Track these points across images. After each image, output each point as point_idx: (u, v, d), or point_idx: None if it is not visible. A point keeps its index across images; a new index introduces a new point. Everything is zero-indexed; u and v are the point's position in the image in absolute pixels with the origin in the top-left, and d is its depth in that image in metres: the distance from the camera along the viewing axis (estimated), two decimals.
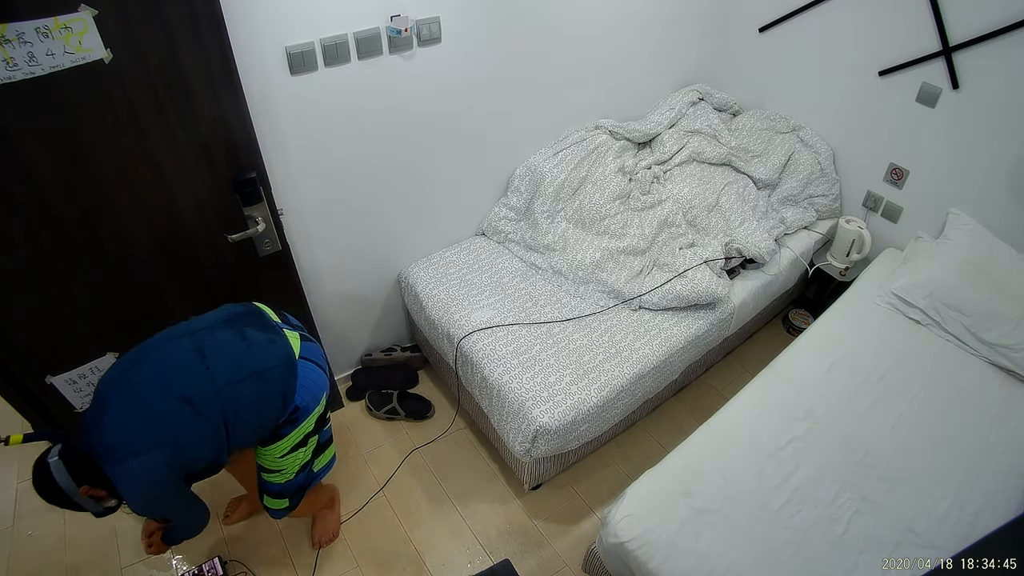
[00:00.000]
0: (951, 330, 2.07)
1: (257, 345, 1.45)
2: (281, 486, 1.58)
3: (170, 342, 1.41)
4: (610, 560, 1.62)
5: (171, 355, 1.39)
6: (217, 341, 1.42)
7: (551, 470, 2.07)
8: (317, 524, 1.98)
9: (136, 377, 1.34)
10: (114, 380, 1.36)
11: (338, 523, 2.02)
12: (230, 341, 1.43)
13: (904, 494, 1.62)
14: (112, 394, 1.33)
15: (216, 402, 1.35)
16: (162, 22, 1.32)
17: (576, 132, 2.52)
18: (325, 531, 1.98)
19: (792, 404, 1.84)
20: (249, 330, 1.47)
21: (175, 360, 1.38)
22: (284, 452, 1.51)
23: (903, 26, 2.14)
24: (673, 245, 2.33)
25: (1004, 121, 2.02)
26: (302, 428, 1.50)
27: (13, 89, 1.23)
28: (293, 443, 1.51)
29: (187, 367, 1.37)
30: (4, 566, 1.93)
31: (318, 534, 1.97)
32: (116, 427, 1.29)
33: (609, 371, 1.93)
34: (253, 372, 1.41)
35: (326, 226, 2.05)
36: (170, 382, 1.34)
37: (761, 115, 2.71)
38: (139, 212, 1.54)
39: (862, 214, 2.58)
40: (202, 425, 1.34)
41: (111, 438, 1.29)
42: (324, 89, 1.76)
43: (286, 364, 1.47)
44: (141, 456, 1.28)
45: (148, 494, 1.33)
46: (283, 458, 1.52)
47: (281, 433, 1.48)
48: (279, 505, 1.62)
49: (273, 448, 1.49)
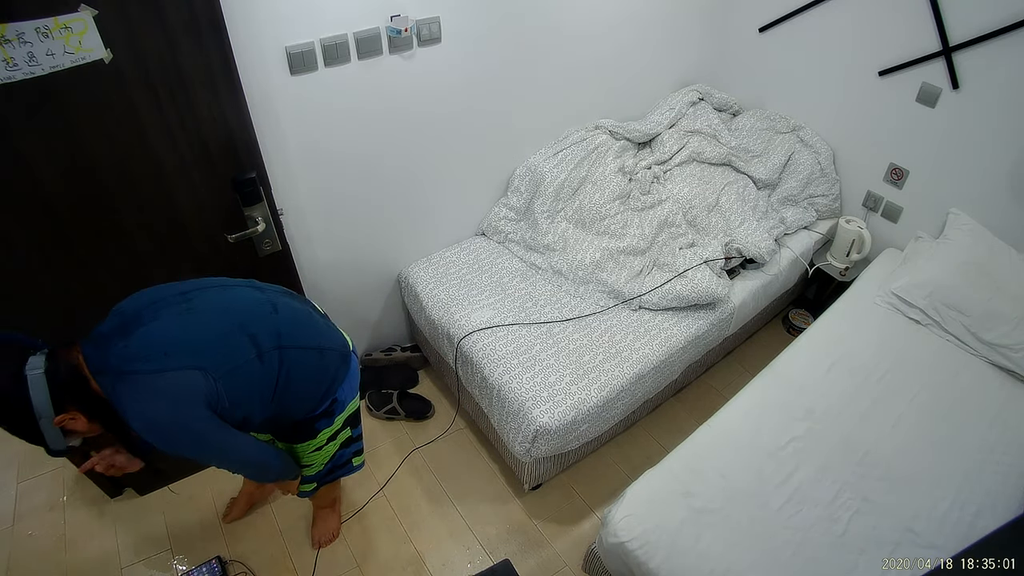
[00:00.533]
0: (951, 330, 2.07)
1: (322, 323, 1.46)
2: (309, 477, 1.62)
3: (236, 288, 1.31)
4: (610, 560, 1.62)
5: (241, 296, 1.29)
6: (287, 304, 1.38)
7: (551, 470, 2.07)
8: (317, 524, 1.99)
9: (197, 302, 1.21)
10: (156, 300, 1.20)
11: (338, 524, 2.02)
12: (299, 309, 1.41)
13: (904, 494, 1.62)
14: (156, 312, 1.17)
15: (276, 356, 1.26)
16: (162, 22, 1.32)
17: (576, 132, 2.52)
18: (325, 531, 1.98)
19: (792, 404, 1.84)
20: (312, 310, 1.48)
21: (246, 301, 1.29)
22: (319, 446, 1.53)
23: (903, 26, 2.14)
24: (673, 245, 2.33)
25: (1004, 121, 2.02)
26: (335, 424, 1.53)
27: (13, 89, 1.23)
28: (326, 438, 1.53)
29: (258, 311, 1.27)
30: (4, 566, 1.93)
31: (318, 534, 1.98)
32: (154, 336, 1.13)
33: (609, 371, 1.93)
34: (317, 346, 1.39)
35: (326, 226, 2.05)
36: (240, 316, 1.24)
37: (761, 115, 2.71)
38: (139, 212, 1.54)
39: (862, 214, 2.58)
40: (259, 372, 1.23)
41: (143, 348, 1.12)
42: (324, 89, 1.76)
43: (342, 352, 1.48)
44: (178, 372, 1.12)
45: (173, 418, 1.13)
46: (317, 451, 1.55)
47: (316, 428, 1.49)
48: (306, 488, 1.66)
49: (308, 445, 1.52)
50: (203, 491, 2.14)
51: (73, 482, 2.14)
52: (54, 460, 2.19)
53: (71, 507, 2.09)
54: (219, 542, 2.00)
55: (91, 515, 2.07)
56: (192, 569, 1.89)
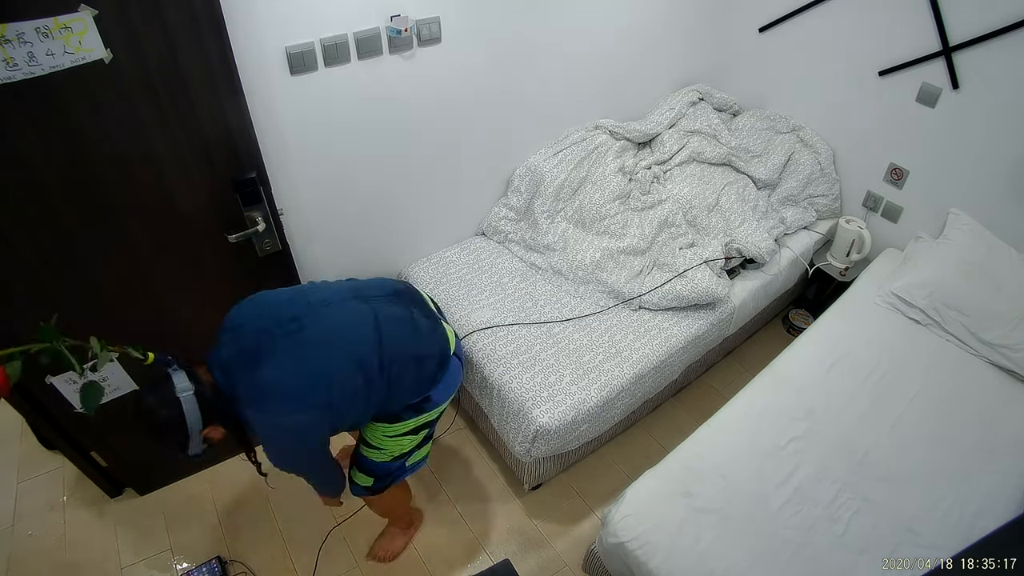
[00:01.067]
0: (951, 330, 2.07)
1: (423, 330, 1.46)
2: (375, 464, 1.57)
3: (345, 303, 1.38)
4: (610, 560, 1.62)
5: (348, 316, 1.36)
6: (391, 314, 1.41)
7: (551, 470, 2.07)
8: (384, 538, 1.95)
9: (308, 332, 1.29)
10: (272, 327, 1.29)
11: (403, 549, 1.96)
12: (401, 318, 1.43)
13: (904, 494, 1.62)
14: (273, 343, 1.26)
15: (381, 377, 1.35)
16: (162, 22, 1.32)
17: (576, 132, 2.52)
18: (386, 548, 1.94)
19: (792, 404, 1.84)
20: (416, 312, 1.48)
21: (352, 322, 1.35)
22: (395, 434, 1.52)
23: (903, 26, 2.14)
24: (673, 245, 2.33)
25: (1004, 121, 2.02)
26: (423, 418, 1.53)
27: (13, 89, 1.23)
28: (407, 428, 1.52)
29: (363, 333, 1.35)
30: (4, 566, 1.93)
31: (379, 548, 1.94)
32: (279, 380, 1.24)
33: (609, 371, 1.93)
34: (415, 356, 1.42)
35: (326, 226, 2.05)
36: (347, 344, 1.32)
37: (761, 115, 2.71)
38: (139, 212, 1.54)
39: (862, 214, 2.58)
40: (366, 393, 1.34)
41: (271, 389, 1.24)
42: (324, 89, 1.76)
43: (441, 357, 1.49)
44: (303, 413, 1.26)
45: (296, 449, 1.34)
46: (391, 439, 1.53)
47: (402, 416, 1.49)
48: (364, 482, 1.61)
49: (386, 427, 1.51)
50: (203, 491, 2.14)
51: (73, 482, 2.14)
52: (54, 460, 2.21)
53: (71, 507, 2.09)
54: (219, 542, 2.00)
55: (91, 515, 2.07)
56: (192, 569, 1.89)
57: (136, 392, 1.25)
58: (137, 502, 2.11)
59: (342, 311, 1.36)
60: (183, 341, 1.83)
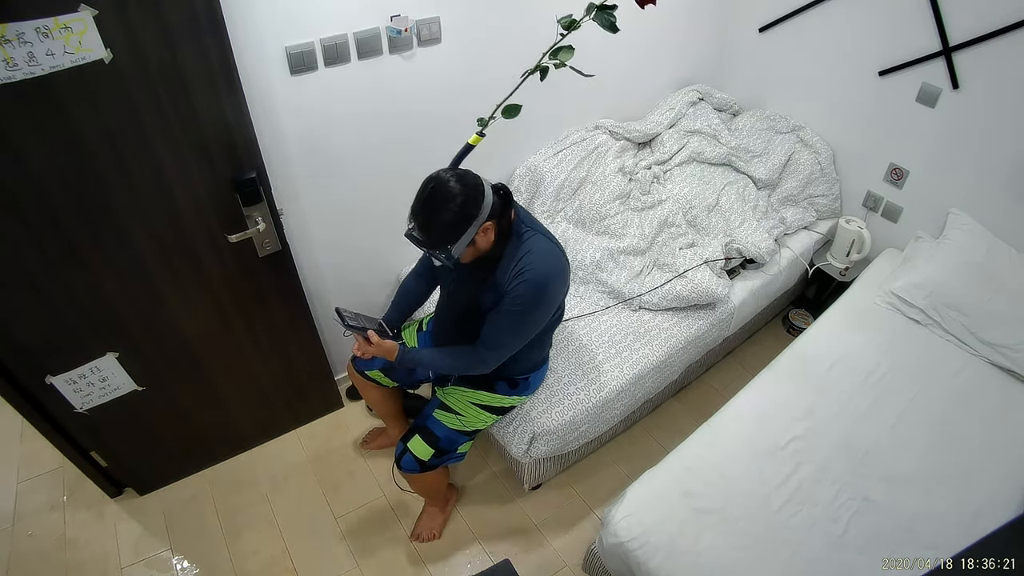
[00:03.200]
0: (951, 330, 2.07)
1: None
2: (445, 432, 1.67)
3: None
4: (610, 560, 1.62)
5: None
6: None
7: (551, 470, 2.07)
8: (423, 519, 2.01)
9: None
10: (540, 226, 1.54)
11: (443, 525, 2.03)
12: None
13: (904, 494, 1.62)
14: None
15: (556, 312, 1.57)
16: (162, 22, 1.32)
17: (576, 132, 2.51)
18: (428, 527, 2.00)
19: (792, 404, 1.84)
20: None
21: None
22: (480, 403, 1.66)
23: (903, 26, 2.14)
24: (673, 245, 2.33)
25: (1004, 121, 2.02)
26: (509, 400, 1.67)
27: (13, 89, 1.23)
28: (493, 403, 1.62)
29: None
30: (4, 566, 1.93)
31: (420, 527, 2.00)
32: (553, 247, 1.49)
33: (609, 371, 1.93)
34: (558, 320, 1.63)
35: (326, 226, 2.05)
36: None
37: (761, 115, 2.70)
38: (139, 212, 1.54)
39: (862, 214, 2.58)
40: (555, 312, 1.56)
41: (546, 243, 1.45)
42: (324, 89, 1.76)
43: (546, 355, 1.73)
44: (559, 280, 1.47)
45: (545, 282, 1.42)
46: (475, 406, 1.63)
47: (496, 387, 1.60)
48: (423, 454, 1.67)
49: (477, 393, 1.62)
50: (203, 491, 2.14)
51: (73, 482, 2.14)
52: (54, 460, 2.20)
53: (71, 507, 2.09)
54: (219, 542, 2.00)
55: (91, 515, 2.07)
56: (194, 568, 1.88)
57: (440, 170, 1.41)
58: (137, 502, 2.11)
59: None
60: (183, 341, 1.84)
